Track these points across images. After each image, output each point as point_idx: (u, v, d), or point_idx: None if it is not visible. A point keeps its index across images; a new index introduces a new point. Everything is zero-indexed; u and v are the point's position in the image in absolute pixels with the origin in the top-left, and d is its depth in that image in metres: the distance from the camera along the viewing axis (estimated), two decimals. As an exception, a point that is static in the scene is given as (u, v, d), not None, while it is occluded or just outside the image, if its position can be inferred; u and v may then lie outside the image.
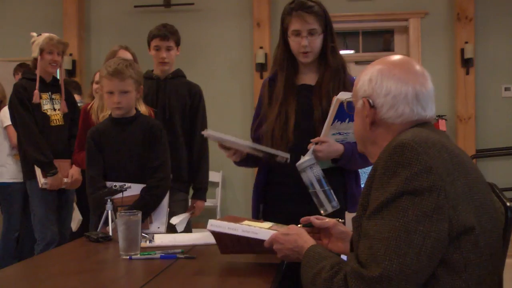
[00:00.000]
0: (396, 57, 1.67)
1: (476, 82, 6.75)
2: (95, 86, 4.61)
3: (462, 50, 6.66)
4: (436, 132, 1.54)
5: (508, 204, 1.67)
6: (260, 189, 2.58)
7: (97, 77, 4.64)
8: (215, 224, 1.83)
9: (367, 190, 1.48)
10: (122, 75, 2.74)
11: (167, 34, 3.52)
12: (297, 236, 1.73)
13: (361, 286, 1.34)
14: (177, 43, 3.60)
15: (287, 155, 2.32)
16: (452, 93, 6.82)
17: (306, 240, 1.69)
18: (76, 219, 4.41)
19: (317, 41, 2.48)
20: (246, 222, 1.97)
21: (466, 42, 6.65)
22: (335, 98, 2.29)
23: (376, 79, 1.59)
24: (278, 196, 2.53)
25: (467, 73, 6.70)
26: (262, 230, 1.82)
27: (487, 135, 6.79)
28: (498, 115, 6.82)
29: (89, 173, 2.77)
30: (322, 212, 2.23)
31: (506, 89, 6.82)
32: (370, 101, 1.59)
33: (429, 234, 1.32)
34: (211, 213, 7.09)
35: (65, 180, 3.97)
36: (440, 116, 6.76)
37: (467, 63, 6.67)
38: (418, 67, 1.64)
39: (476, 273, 1.37)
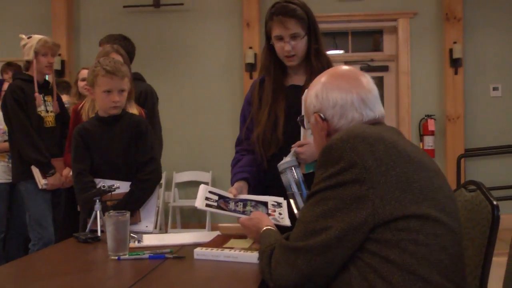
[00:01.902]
0: (339, 68, 1.80)
1: (465, 81, 6.79)
2: (81, 83, 4.61)
3: (451, 50, 6.70)
4: (381, 127, 1.63)
5: (494, 202, 1.70)
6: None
7: (82, 75, 4.62)
8: (201, 253, 2.01)
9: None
10: (122, 73, 2.74)
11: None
12: (258, 220, 1.98)
13: (280, 252, 1.57)
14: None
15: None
16: (441, 92, 6.86)
17: (265, 224, 1.93)
18: None
19: (301, 44, 2.45)
20: (231, 241, 2.16)
21: (455, 42, 6.69)
22: (302, 98, 2.32)
23: (321, 93, 1.71)
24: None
25: (456, 73, 6.74)
26: (241, 254, 1.96)
27: (476, 135, 6.84)
28: (487, 114, 6.87)
29: (76, 168, 2.75)
30: (297, 215, 2.16)
31: (494, 88, 6.87)
32: (321, 115, 1.70)
33: (344, 219, 1.46)
34: (201, 213, 7.08)
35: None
36: (429, 116, 6.80)
37: (455, 63, 6.71)
38: (359, 74, 1.74)
39: (411, 249, 1.44)
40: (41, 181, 3.93)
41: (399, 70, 6.91)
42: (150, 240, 2.32)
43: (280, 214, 2.22)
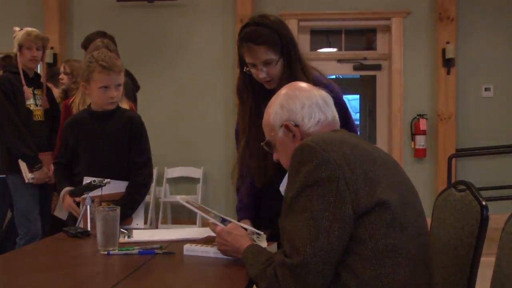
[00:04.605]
0: (295, 83, 1.92)
1: (457, 82, 6.81)
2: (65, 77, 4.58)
3: (444, 50, 6.71)
4: (343, 133, 1.75)
5: (483, 203, 1.71)
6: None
7: (66, 68, 4.59)
8: (190, 249, 2.02)
9: (285, 194, 1.64)
10: (118, 67, 2.68)
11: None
12: (240, 237, 1.87)
13: (287, 273, 1.51)
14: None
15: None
16: (433, 92, 6.87)
17: (246, 241, 1.84)
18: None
19: (276, 68, 2.23)
20: None
21: (448, 42, 6.70)
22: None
23: (286, 102, 1.80)
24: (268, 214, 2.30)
25: (448, 73, 6.75)
26: None
27: (467, 135, 6.86)
28: (478, 115, 6.90)
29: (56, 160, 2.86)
30: None
31: (486, 89, 6.90)
32: (292, 122, 1.78)
33: (335, 217, 1.49)
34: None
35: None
36: (421, 115, 6.82)
37: (448, 63, 6.73)
38: (314, 89, 1.86)
39: (383, 242, 1.51)
40: (27, 175, 3.90)
41: (392, 69, 6.91)
42: (140, 235, 2.32)
43: (258, 238, 2.05)
